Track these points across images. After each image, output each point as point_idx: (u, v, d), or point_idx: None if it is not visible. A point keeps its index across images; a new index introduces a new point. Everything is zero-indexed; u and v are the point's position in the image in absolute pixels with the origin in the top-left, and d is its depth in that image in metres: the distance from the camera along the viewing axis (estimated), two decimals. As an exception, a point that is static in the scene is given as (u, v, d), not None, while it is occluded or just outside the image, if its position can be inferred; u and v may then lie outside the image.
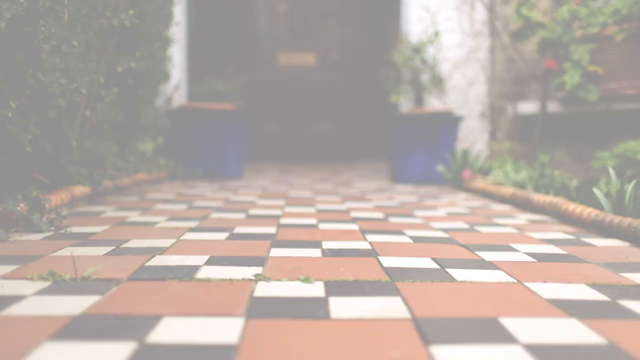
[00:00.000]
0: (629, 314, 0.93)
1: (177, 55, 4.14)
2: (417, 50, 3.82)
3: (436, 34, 3.78)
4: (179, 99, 4.27)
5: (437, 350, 0.76)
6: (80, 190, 2.15)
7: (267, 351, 0.74)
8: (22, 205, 1.69)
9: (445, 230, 1.78)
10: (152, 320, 0.85)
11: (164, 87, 3.89)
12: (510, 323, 0.87)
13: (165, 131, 3.85)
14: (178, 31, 4.09)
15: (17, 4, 1.32)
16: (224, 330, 0.82)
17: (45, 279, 1.08)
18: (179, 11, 4.11)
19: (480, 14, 4.17)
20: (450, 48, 4.13)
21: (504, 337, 0.81)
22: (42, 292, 1.00)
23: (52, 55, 1.67)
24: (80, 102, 2.14)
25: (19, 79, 1.59)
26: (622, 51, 3.25)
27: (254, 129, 5.84)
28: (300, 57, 5.99)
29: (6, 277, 1.10)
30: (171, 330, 0.81)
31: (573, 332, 0.84)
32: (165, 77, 3.43)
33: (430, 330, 0.83)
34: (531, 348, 0.77)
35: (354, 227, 1.81)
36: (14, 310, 0.90)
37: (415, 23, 4.14)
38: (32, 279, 1.09)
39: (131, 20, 2.14)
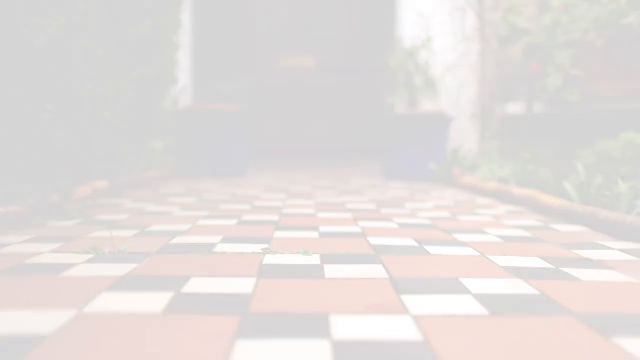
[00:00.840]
0: (564, 276, 1.15)
1: (183, 60, 4.36)
2: (411, 54, 4.05)
3: (428, 39, 4.01)
4: (185, 100, 4.50)
5: (406, 297, 0.98)
6: (101, 183, 2.37)
7: (274, 297, 0.97)
8: (53, 196, 1.91)
9: (429, 218, 2.00)
10: (182, 279, 1.08)
11: (171, 89, 4.11)
12: (467, 281, 1.09)
13: (173, 131, 4.07)
14: (184, 37, 4.32)
15: (57, 21, 1.55)
16: (241, 285, 1.04)
17: (88, 252, 1.31)
18: (185, 18, 4.34)
19: (471, 19, 4.40)
20: (443, 52, 4.36)
21: (460, 290, 1.03)
22: (89, 261, 1.23)
23: (81, 63, 1.90)
24: (101, 105, 2.36)
25: (53, 85, 1.81)
26: (602, 55, 3.48)
27: (256, 129, 6.08)
28: (300, 60, 6.22)
29: (55, 251, 1.33)
30: (199, 285, 1.04)
31: (514, 287, 1.06)
32: (173, 80, 3.65)
33: (403, 285, 1.05)
34: (478, 296, 0.99)
35: (348, 215, 2.03)
36: (71, 272, 1.12)
37: (409, 28, 4.37)
38: (77, 252, 1.31)
39: (147, 30, 2.36)
